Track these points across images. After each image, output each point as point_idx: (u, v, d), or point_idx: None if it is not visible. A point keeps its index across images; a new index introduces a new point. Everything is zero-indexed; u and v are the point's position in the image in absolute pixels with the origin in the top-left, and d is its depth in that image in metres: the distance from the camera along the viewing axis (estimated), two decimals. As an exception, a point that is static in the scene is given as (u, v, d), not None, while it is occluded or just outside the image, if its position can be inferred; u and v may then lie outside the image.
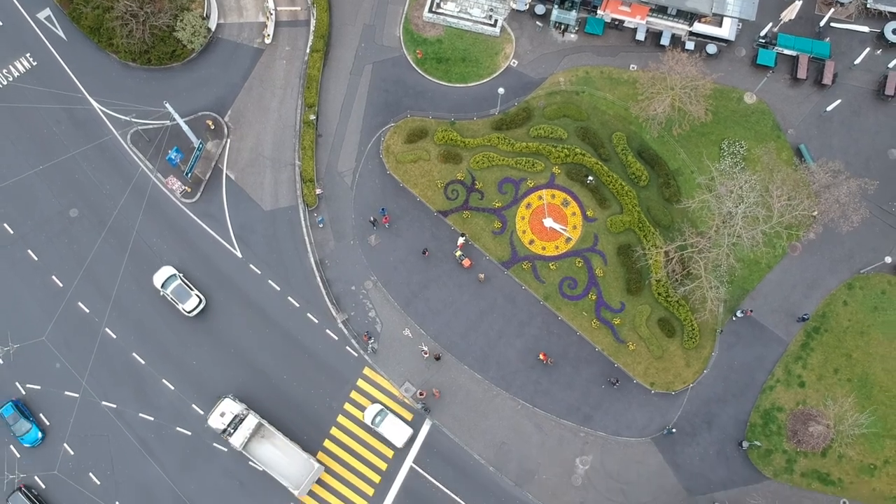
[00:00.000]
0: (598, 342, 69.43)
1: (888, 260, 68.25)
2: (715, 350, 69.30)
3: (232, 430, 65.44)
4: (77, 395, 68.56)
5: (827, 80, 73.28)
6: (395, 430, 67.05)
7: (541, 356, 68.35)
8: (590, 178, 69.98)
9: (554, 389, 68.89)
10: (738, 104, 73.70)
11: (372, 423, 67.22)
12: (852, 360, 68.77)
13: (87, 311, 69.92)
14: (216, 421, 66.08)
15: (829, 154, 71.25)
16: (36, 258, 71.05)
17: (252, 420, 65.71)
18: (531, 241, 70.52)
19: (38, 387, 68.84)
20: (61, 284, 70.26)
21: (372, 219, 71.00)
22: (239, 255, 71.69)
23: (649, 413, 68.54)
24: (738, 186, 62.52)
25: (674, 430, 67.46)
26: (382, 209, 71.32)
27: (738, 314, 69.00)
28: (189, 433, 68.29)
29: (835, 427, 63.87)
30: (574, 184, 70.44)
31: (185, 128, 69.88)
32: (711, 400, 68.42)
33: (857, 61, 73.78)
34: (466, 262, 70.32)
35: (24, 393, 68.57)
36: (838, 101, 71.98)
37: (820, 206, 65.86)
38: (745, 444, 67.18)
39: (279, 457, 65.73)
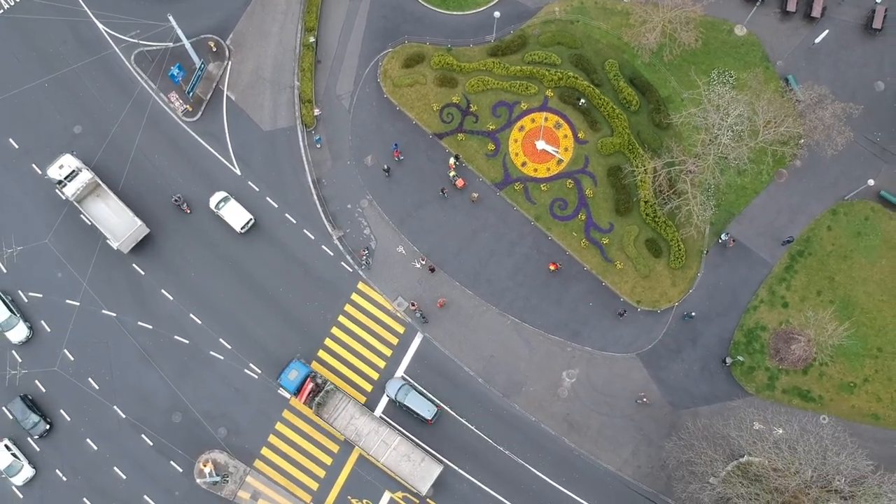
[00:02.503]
0: (586, 261, 71.15)
1: (871, 182, 69.80)
2: (700, 270, 71.01)
3: (66, 182, 69.04)
4: (77, 303, 70.40)
5: (816, 13, 74.89)
6: (236, 215, 70.55)
7: (551, 266, 70.03)
8: (582, 100, 71.63)
9: (543, 306, 70.62)
10: (728, 36, 75.33)
11: (216, 209, 70.79)
12: (835, 283, 70.45)
13: (88, 223, 71.62)
14: (54, 172, 69.52)
15: (817, 85, 72.89)
16: (40, 172, 72.75)
17: (86, 175, 69.21)
18: (523, 163, 72.19)
19: (40, 294, 70.81)
20: (64, 197, 71.99)
21: (385, 167, 72.27)
22: (238, 172, 73.40)
23: (635, 330, 70.26)
24: (722, 99, 64.11)
25: (693, 314, 69.16)
26: (395, 144, 72.77)
27: (724, 237, 70.64)
28: (187, 342, 70.04)
29: (815, 338, 65.53)
30: (566, 107, 72.12)
31: (188, 45, 71.57)
32: (696, 318, 70.09)
33: (847, -6, 75.52)
34: (460, 182, 72.01)
35: (26, 301, 70.51)
36: (826, 32, 73.57)
37: (805, 126, 67.49)
38: (729, 361, 68.90)
39: (109, 215, 69.70)
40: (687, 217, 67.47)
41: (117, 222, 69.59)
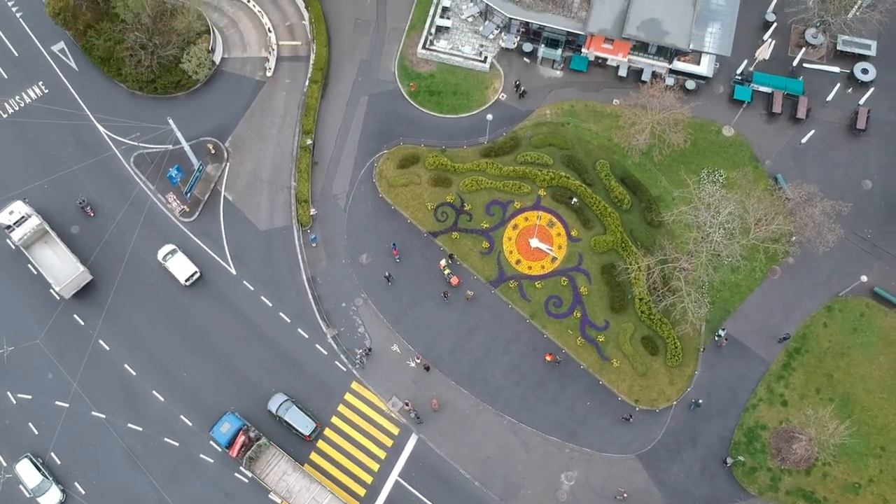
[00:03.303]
0: (583, 360, 70.59)
1: (864, 279, 70.11)
2: (698, 368, 70.36)
3: (15, 227, 71.00)
4: (66, 405, 69.28)
5: (801, 114, 76.86)
6: (181, 267, 72.14)
7: (547, 357, 69.44)
8: (574, 199, 72.62)
9: (540, 405, 69.62)
10: (716, 136, 77.05)
11: (162, 260, 72.58)
12: (833, 381, 69.75)
13: (82, 323, 71.27)
14: (4, 217, 71.56)
15: (805, 183, 74.14)
16: (35, 272, 72.85)
17: (35, 221, 71.31)
18: (518, 261, 72.55)
19: (29, 396, 69.75)
20: (58, 298, 71.85)
21: (387, 274, 72.36)
22: (233, 271, 73.58)
23: (634, 430, 69.07)
24: (713, 198, 65.05)
25: (700, 402, 68.16)
26: (393, 243, 73.35)
27: (721, 332, 70.36)
28: (177, 444, 68.62)
29: (816, 437, 64.40)
30: (559, 205, 73.05)
31: (187, 148, 72.97)
32: (695, 417, 69.05)
33: (830, 98, 77.54)
34: (455, 280, 72.17)
35: (14, 402, 69.41)
36: (812, 132, 75.33)
37: (795, 223, 68.24)
38: (730, 461, 67.50)
39: (54, 260, 71.45)
40: (682, 314, 67.38)
41: (60, 266, 71.12)
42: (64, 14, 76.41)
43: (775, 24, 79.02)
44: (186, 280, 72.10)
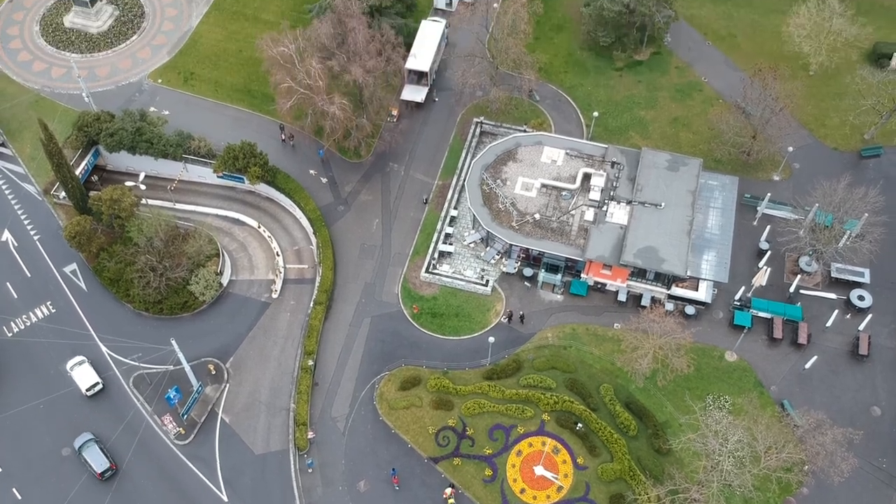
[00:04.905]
0: None
1: (884, 513, 67.04)
2: None
3: None
4: None
5: (802, 340, 77.04)
6: (84, 377, 74.39)
7: None
8: (579, 425, 71.09)
9: None
10: (719, 361, 76.78)
11: (69, 370, 74.68)
12: None
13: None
14: None
15: (813, 410, 72.88)
16: (20, 497, 69.97)
17: None
18: (522, 490, 69.76)
19: None
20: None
21: None
22: (225, 498, 70.58)
23: None
24: (720, 425, 63.60)
25: None
26: (393, 469, 71.11)
27: (738, 571, 66.28)
28: None
29: None
30: (564, 431, 71.39)
31: (188, 369, 72.55)
32: None
33: (829, 324, 78.07)
34: (456, 510, 69.12)
35: None
36: (815, 358, 75.10)
37: (807, 451, 66.22)
38: None
39: None
40: (697, 549, 63.75)
41: None
42: (79, 237, 78.96)
43: (769, 252, 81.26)
44: (87, 390, 73.26)
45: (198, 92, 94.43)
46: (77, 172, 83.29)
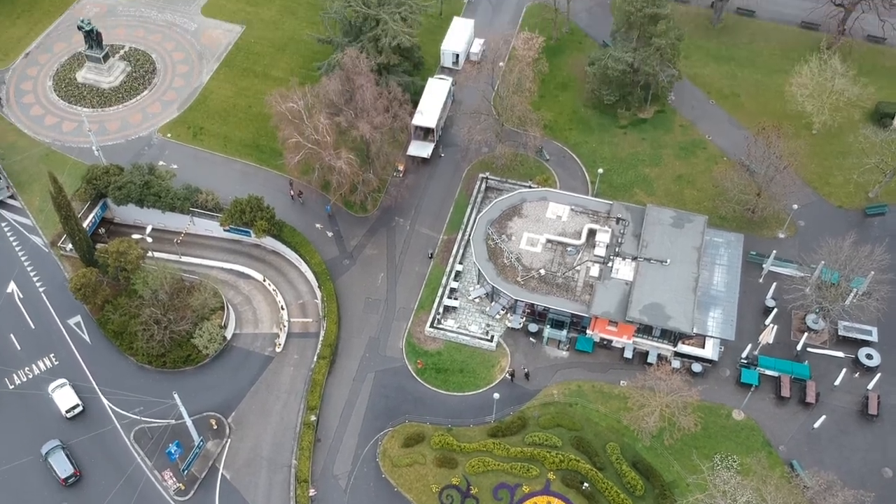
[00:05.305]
0: None
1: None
2: None
3: None
4: None
5: (810, 398, 76.15)
6: (64, 399, 75.96)
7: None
8: (585, 484, 69.96)
9: None
10: (727, 420, 75.81)
11: (50, 391, 75.17)
12: None
13: None
14: None
15: (823, 471, 71.70)
16: (15, 553, 68.91)
17: None
18: (527, 551, 68.50)
19: None
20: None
21: None
22: (223, 557, 69.44)
23: None
24: (728, 485, 62.50)
25: None
26: None
27: None
28: None
29: None
30: (570, 490, 70.25)
31: (190, 424, 71.87)
32: None
33: (837, 382, 77.25)
34: (459, 571, 67.63)
35: None
36: (823, 417, 74.15)
37: (818, 514, 65.03)
38: None
39: None
40: None
41: None
42: (85, 289, 78.97)
43: (776, 310, 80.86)
44: (67, 412, 74.96)
45: (207, 146, 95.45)
46: (84, 225, 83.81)
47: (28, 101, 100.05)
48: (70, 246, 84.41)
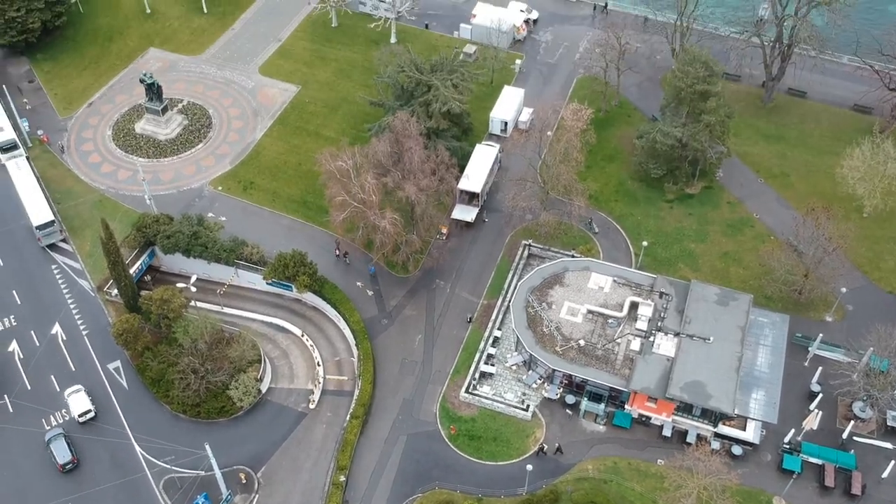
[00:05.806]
0: None
1: None
2: None
3: None
4: None
5: (856, 490, 73.30)
6: (78, 403, 78.35)
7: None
8: (616, 565, 67.75)
9: None
10: (767, 507, 73.35)
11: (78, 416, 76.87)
12: None
13: None
14: None
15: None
16: None
17: None
18: None
19: None
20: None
21: None
22: None
23: None
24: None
25: None
26: None
27: None
28: None
29: None
30: (600, 571, 68.03)
31: (219, 475, 71.55)
32: None
33: (885, 475, 74.34)
34: None
35: None
36: (870, 511, 71.38)
37: None
38: None
39: None
40: None
41: None
42: (126, 335, 79.90)
43: (821, 395, 78.57)
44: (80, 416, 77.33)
45: (255, 201, 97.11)
46: (131, 271, 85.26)
47: (87, 149, 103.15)
48: (115, 291, 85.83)
